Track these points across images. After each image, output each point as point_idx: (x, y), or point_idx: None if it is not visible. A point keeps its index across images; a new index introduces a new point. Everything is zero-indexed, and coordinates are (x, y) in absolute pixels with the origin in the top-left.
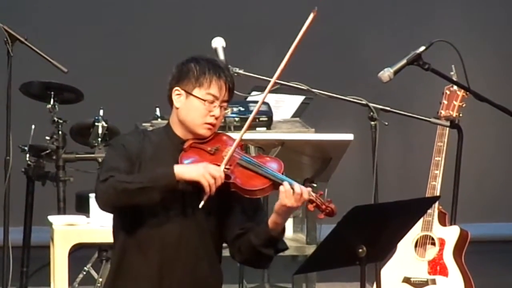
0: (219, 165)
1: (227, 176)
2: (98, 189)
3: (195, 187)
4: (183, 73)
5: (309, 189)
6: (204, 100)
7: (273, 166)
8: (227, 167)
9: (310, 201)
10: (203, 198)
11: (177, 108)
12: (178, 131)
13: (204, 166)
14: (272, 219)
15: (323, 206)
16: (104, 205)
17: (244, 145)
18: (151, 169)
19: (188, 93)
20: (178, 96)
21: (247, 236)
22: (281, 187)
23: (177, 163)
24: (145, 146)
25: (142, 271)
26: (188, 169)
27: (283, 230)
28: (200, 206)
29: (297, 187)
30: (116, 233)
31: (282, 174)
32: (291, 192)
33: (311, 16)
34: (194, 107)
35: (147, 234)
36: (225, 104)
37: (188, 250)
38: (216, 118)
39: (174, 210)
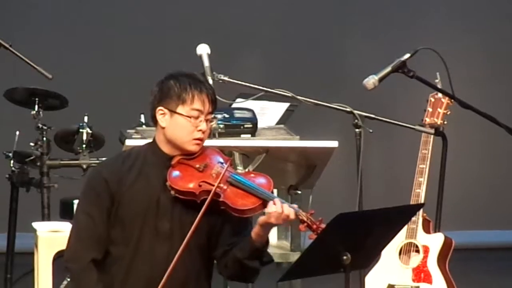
0: (208, 183)
1: (216, 195)
2: (69, 247)
3: (184, 205)
4: (164, 92)
5: (296, 206)
6: (190, 117)
7: (263, 184)
8: (217, 185)
9: (301, 221)
10: None
11: (162, 128)
12: (165, 148)
13: None
14: (255, 231)
15: (314, 226)
16: (64, 261)
17: (228, 152)
18: (134, 196)
19: (172, 111)
20: (163, 116)
21: (232, 251)
22: (269, 207)
23: (165, 180)
24: (127, 173)
25: (128, 283)
26: None
27: (267, 242)
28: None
29: (286, 208)
30: (101, 266)
31: (272, 191)
32: (279, 213)
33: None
34: (180, 125)
35: (135, 253)
36: (210, 116)
37: (177, 269)
38: (203, 132)
39: (163, 229)
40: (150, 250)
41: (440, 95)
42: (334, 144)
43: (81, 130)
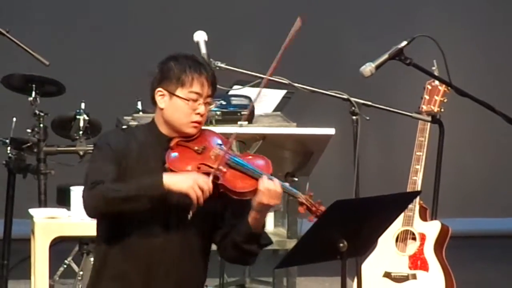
0: (207, 165)
1: (215, 177)
2: (86, 196)
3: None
4: (164, 73)
5: (286, 184)
6: (188, 100)
7: (261, 166)
8: (216, 167)
9: (300, 203)
10: (192, 210)
11: (161, 109)
12: (164, 129)
13: (193, 178)
14: (251, 215)
15: (314, 208)
16: (91, 212)
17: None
18: (137, 169)
19: (171, 93)
20: (162, 97)
21: (231, 235)
22: (259, 185)
23: (164, 161)
24: (131, 146)
25: (128, 272)
26: (177, 180)
27: (263, 225)
28: (189, 217)
29: (271, 184)
30: (100, 235)
31: (271, 173)
32: (267, 189)
33: (298, 23)
34: (179, 107)
35: (133, 237)
36: (209, 99)
37: (174, 253)
38: (202, 115)
39: (160, 213)
40: (148, 230)
41: (437, 82)
42: (331, 131)
43: (78, 116)
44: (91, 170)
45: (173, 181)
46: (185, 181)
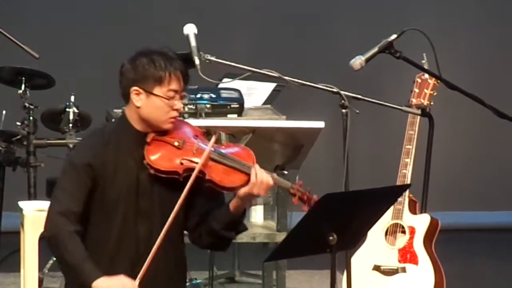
0: (190, 160)
1: (201, 172)
2: (49, 220)
3: (163, 183)
4: (138, 71)
5: (274, 175)
6: (167, 98)
7: (244, 156)
8: (200, 162)
9: (292, 194)
10: None
11: (137, 107)
12: (138, 126)
13: (121, 284)
14: (234, 204)
15: (305, 197)
16: (44, 237)
17: (214, 132)
18: (118, 173)
19: (149, 92)
20: (137, 95)
21: (207, 221)
22: (251, 177)
23: (142, 158)
24: (107, 151)
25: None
26: (105, 284)
27: (243, 212)
28: None
29: (265, 176)
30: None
31: (253, 163)
32: (261, 182)
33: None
34: (158, 106)
35: (120, 234)
36: (183, 93)
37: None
38: (178, 110)
39: (144, 208)
40: (133, 230)
41: (426, 76)
42: (320, 124)
43: (67, 109)
44: (61, 191)
45: (103, 283)
46: (114, 285)
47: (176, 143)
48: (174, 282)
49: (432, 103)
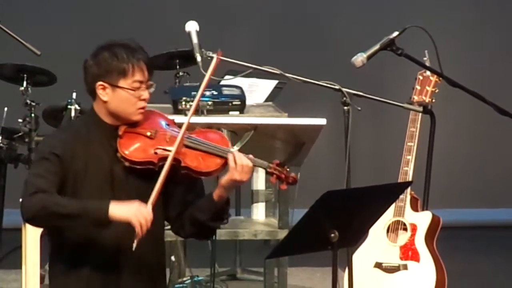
0: (164, 149)
1: (176, 160)
2: (26, 202)
3: (138, 174)
4: (102, 66)
5: (251, 156)
6: (133, 89)
7: (218, 140)
8: (173, 149)
9: (269, 173)
10: (136, 238)
11: (104, 102)
12: (108, 119)
13: (136, 207)
14: (217, 193)
15: (283, 176)
16: (29, 220)
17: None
18: (89, 167)
19: (114, 85)
20: (103, 90)
21: (189, 211)
22: (230, 162)
23: (115, 151)
24: (77, 145)
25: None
26: (121, 208)
27: (227, 201)
28: (133, 247)
29: (244, 159)
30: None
31: (227, 146)
32: (241, 165)
33: (215, 60)
34: (124, 98)
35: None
36: (149, 83)
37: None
38: (145, 100)
39: (120, 201)
40: (112, 224)
41: (428, 73)
42: (322, 121)
43: (69, 106)
44: (33, 177)
45: (118, 208)
46: (130, 209)
47: (148, 133)
48: (155, 277)
49: (433, 100)
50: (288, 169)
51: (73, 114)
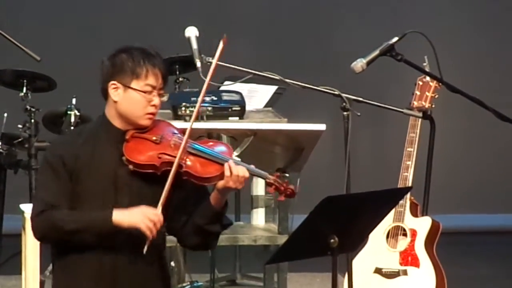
0: (168, 154)
1: (179, 166)
2: (35, 221)
3: (142, 178)
4: (117, 66)
5: (252, 166)
6: (144, 92)
7: (222, 150)
8: (177, 155)
9: (268, 184)
10: (146, 243)
11: (115, 102)
12: (117, 123)
13: (142, 212)
14: (214, 196)
15: (282, 188)
16: (40, 238)
17: (216, 135)
18: (94, 168)
19: (126, 86)
20: (115, 90)
21: (191, 219)
22: (225, 171)
23: (121, 155)
24: (83, 149)
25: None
26: (127, 215)
27: (225, 204)
28: (144, 251)
29: (241, 169)
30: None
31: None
32: (236, 175)
33: (221, 44)
34: (134, 100)
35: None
36: (161, 91)
37: (137, 245)
38: (156, 107)
39: (122, 204)
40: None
41: (428, 78)
42: (322, 127)
43: (69, 112)
44: (40, 190)
45: (123, 216)
46: (135, 215)
47: (154, 138)
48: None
49: (433, 105)
50: (287, 182)
51: (72, 119)
